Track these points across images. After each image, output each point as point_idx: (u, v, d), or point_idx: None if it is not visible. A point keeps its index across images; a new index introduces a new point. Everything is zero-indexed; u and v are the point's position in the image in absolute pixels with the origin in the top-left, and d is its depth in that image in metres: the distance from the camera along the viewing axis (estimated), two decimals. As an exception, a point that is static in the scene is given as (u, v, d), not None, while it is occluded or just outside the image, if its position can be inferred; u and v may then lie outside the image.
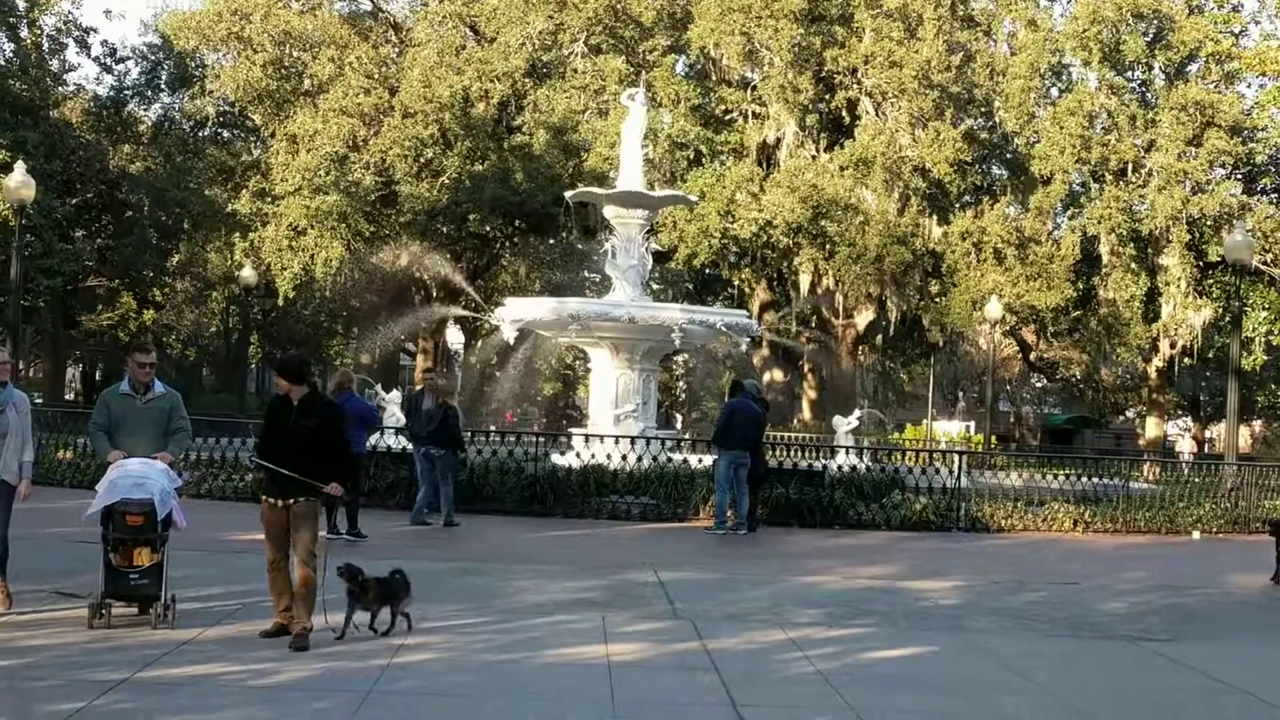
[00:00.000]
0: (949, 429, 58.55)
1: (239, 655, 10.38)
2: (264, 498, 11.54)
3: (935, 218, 45.89)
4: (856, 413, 35.28)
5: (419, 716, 8.74)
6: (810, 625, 12.96)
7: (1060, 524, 24.93)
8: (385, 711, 8.80)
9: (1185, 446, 64.84)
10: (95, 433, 11.87)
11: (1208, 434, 70.05)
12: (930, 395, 57.70)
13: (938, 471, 27.07)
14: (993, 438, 50.98)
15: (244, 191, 48.10)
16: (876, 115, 45.29)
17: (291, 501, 11.20)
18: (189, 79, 50.96)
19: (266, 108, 48.22)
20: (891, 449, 37.39)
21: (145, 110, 54.14)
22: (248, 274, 45.60)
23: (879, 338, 53.15)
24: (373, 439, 21.81)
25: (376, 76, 47.43)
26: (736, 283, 50.37)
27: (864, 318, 49.42)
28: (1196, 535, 25.02)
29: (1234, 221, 39.87)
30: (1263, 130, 47.32)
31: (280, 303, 50.42)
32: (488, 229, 48.12)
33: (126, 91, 52.70)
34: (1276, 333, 45.47)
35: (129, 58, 52.89)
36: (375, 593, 11.42)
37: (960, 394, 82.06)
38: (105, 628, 10.99)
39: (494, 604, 13.47)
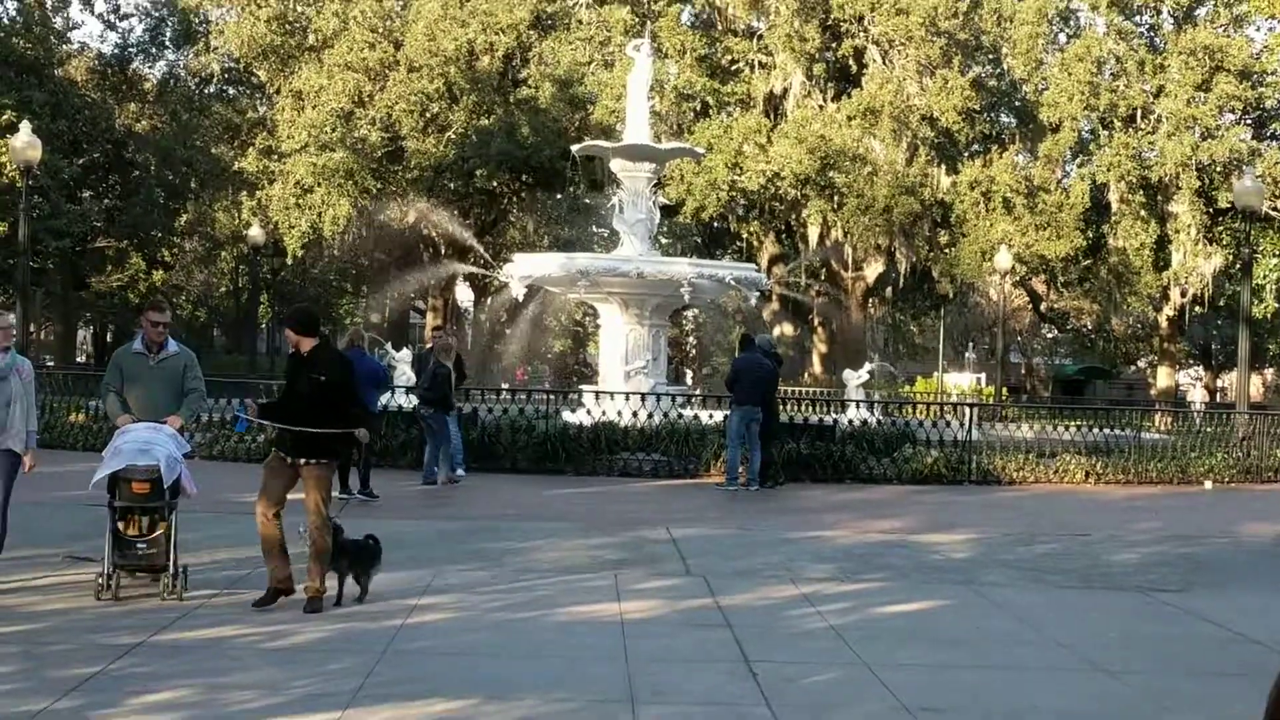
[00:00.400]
0: (960, 381, 58.58)
1: (253, 619, 10.39)
2: (274, 449, 11.35)
3: (944, 167, 45.73)
4: (867, 366, 35.24)
5: (434, 674, 8.76)
6: (822, 580, 12.98)
7: (1072, 476, 24.94)
8: (400, 670, 8.83)
9: (1197, 396, 64.82)
10: (107, 394, 11.51)
11: (1219, 383, 69.99)
12: (941, 347, 57.62)
13: (948, 424, 27.08)
14: (1004, 389, 50.95)
15: (250, 149, 48.04)
16: (884, 64, 45.08)
17: (302, 462, 10.83)
18: (193, 35, 50.86)
19: (271, 64, 48.09)
20: (902, 402, 37.38)
21: (150, 68, 54.11)
22: (255, 233, 45.57)
23: (889, 290, 53.02)
24: (384, 398, 21.84)
25: (381, 30, 47.23)
26: (745, 236, 50.27)
27: (873, 270, 49.33)
28: (1209, 485, 25.02)
29: (1243, 167, 39.74)
30: (1272, 74, 47.06)
31: (289, 261, 50.44)
32: (495, 184, 48.05)
33: (131, 49, 52.62)
34: (1288, 279, 45.37)
35: (133, 14, 52.81)
36: (350, 558, 11.09)
37: (971, 346, 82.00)
38: (113, 600, 10.74)
39: (507, 562, 13.50)
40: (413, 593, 11.48)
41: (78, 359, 63.00)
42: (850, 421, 27.23)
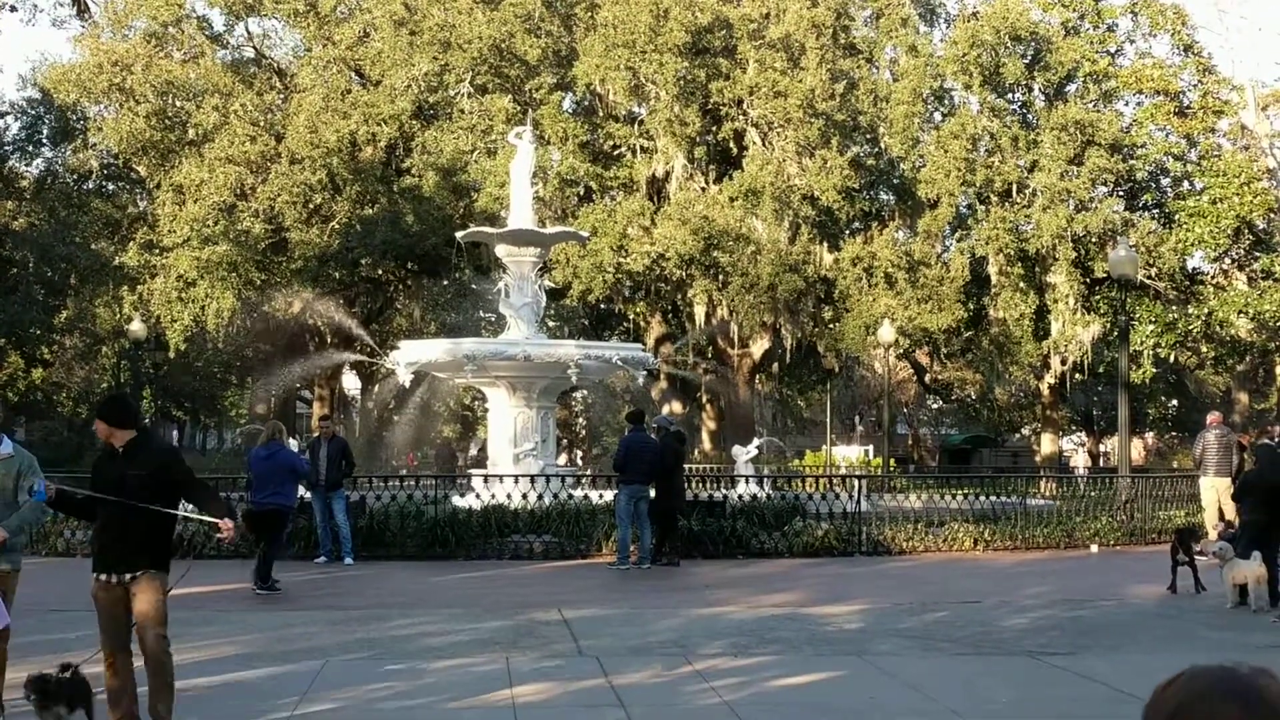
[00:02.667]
0: (848, 454, 58.91)
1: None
2: (93, 575, 9.19)
3: (826, 244, 46.27)
4: (756, 441, 35.44)
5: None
6: (716, 656, 12.95)
7: (960, 543, 25.16)
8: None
9: (1080, 460, 65.84)
10: None
11: (1102, 447, 71.13)
12: (828, 421, 58.00)
13: (838, 497, 27.21)
14: (891, 461, 51.37)
15: (131, 244, 47.45)
16: (763, 145, 45.64)
17: (128, 577, 9.00)
18: (71, 132, 50.26)
19: (151, 159, 47.63)
20: (791, 476, 37.54)
21: (27, 166, 53.32)
22: (137, 327, 44.88)
23: (775, 366, 53.42)
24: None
25: (262, 124, 47.04)
26: (631, 316, 50.45)
27: (759, 346, 49.68)
28: (1094, 549, 25.35)
29: (1118, 237, 40.58)
30: (1142, 147, 48.27)
31: (171, 355, 49.75)
32: (380, 272, 47.87)
33: (7, 147, 51.84)
34: (1164, 345, 46.29)
35: (8, 112, 52.03)
36: (66, 699, 8.97)
37: (858, 418, 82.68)
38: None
39: (397, 649, 13.32)
40: (300, 685, 11.27)
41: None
42: (740, 496, 27.30)
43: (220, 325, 45.90)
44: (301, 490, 22.43)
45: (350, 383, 58.99)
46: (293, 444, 30.58)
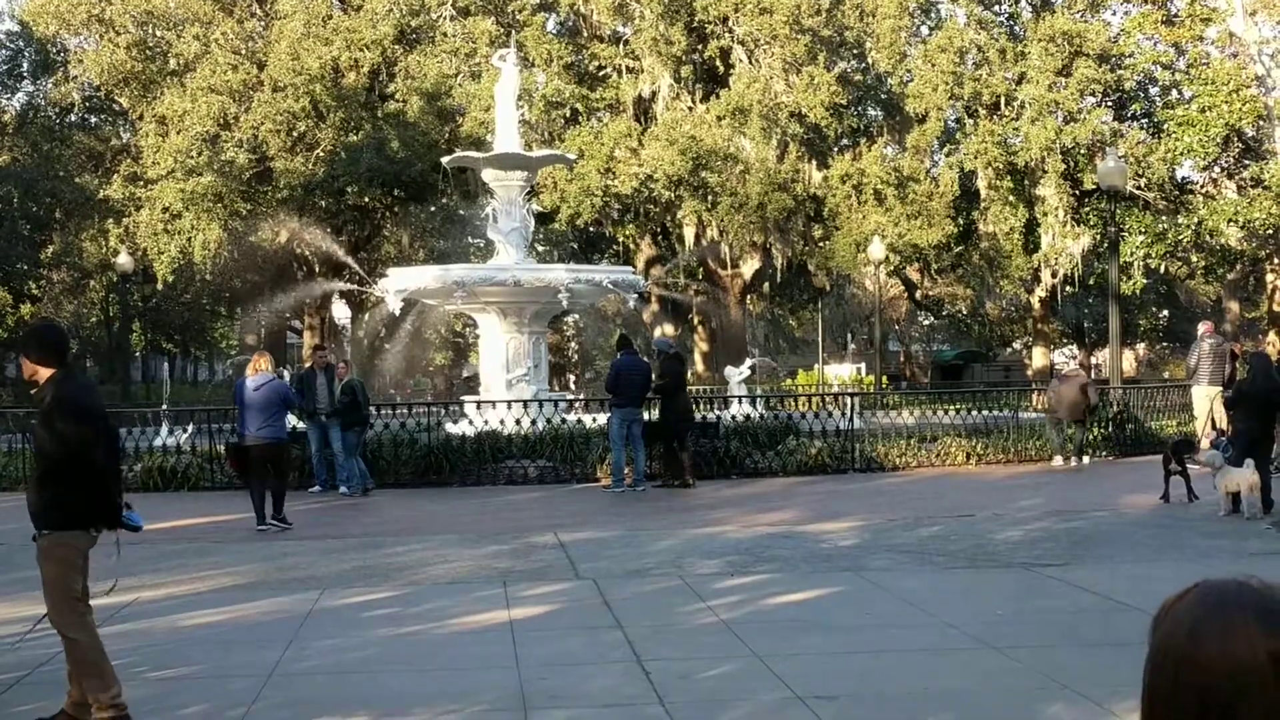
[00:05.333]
0: (841, 372, 59.07)
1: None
2: None
3: (814, 162, 46.13)
4: (748, 362, 35.37)
5: (322, 695, 8.61)
6: (712, 576, 12.98)
7: (953, 458, 25.23)
8: (287, 693, 8.66)
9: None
10: None
11: (1093, 360, 71.27)
12: (820, 340, 58.03)
13: (831, 415, 27.23)
14: (884, 378, 51.46)
15: (115, 177, 47.20)
16: (750, 63, 45.35)
17: (34, 536, 8.00)
18: (51, 65, 49.86)
19: (133, 90, 47.28)
20: (784, 395, 37.57)
21: (9, 100, 52.93)
22: (124, 260, 44.71)
23: (766, 286, 53.43)
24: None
25: (244, 52, 46.66)
26: (621, 239, 50.34)
27: (750, 267, 49.61)
28: (1086, 460, 25.40)
29: (1106, 148, 40.46)
30: (1129, 56, 48.01)
31: (159, 287, 49.62)
32: (367, 200, 47.65)
33: (-13, 82, 51.47)
34: (1154, 256, 46.25)
35: (-13, 47, 51.65)
36: None
37: (850, 337, 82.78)
38: None
39: (394, 577, 13.34)
40: (299, 614, 11.30)
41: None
42: (734, 417, 27.30)
43: (207, 257, 45.73)
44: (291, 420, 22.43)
45: (340, 312, 58.91)
46: (285, 374, 30.59)
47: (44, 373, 7.99)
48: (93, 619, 7.98)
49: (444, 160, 34.81)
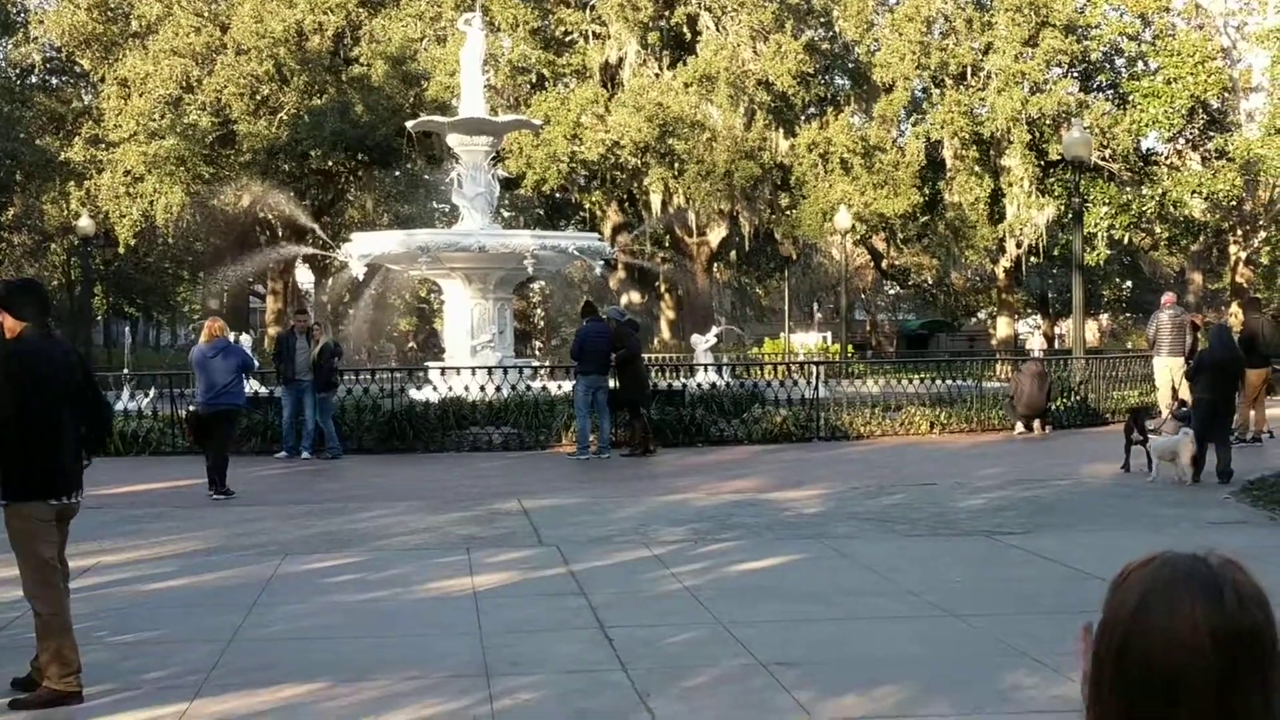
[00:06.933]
0: (807, 341, 59.08)
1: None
2: None
3: (781, 131, 46.07)
4: (714, 330, 35.38)
5: (283, 660, 8.59)
6: (676, 543, 13.00)
7: (917, 427, 25.33)
8: (248, 659, 8.63)
9: (1036, 343, 66.26)
10: None
11: (1057, 330, 71.59)
12: (787, 308, 58.03)
13: (796, 384, 27.29)
14: (849, 347, 51.58)
15: (77, 139, 46.76)
16: (717, 30, 45.23)
17: None
18: (11, 26, 49.33)
19: (94, 52, 46.84)
20: (750, 364, 37.63)
21: (-33, 61, 52.37)
22: (85, 224, 44.31)
23: (733, 254, 53.39)
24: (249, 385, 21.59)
25: (206, 14, 46.28)
26: (587, 206, 50.20)
27: (717, 234, 49.57)
28: (1049, 430, 25.53)
29: (1072, 119, 40.54)
30: (1096, 27, 48.05)
31: (121, 251, 49.26)
32: (330, 164, 47.39)
33: (-55, 42, 50.91)
34: (1118, 227, 46.40)
35: (-54, 7, 51.01)
36: None
37: (816, 305, 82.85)
38: None
39: (356, 543, 13.31)
40: (260, 580, 11.26)
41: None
42: (700, 385, 27.35)
43: (170, 220, 45.45)
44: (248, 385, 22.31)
45: (304, 276, 58.61)
46: (245, 340, 30.37)
47: (13, 325, 7.82)
48: (63, 590, 7.91)
49: (409, 125, 34.65)
